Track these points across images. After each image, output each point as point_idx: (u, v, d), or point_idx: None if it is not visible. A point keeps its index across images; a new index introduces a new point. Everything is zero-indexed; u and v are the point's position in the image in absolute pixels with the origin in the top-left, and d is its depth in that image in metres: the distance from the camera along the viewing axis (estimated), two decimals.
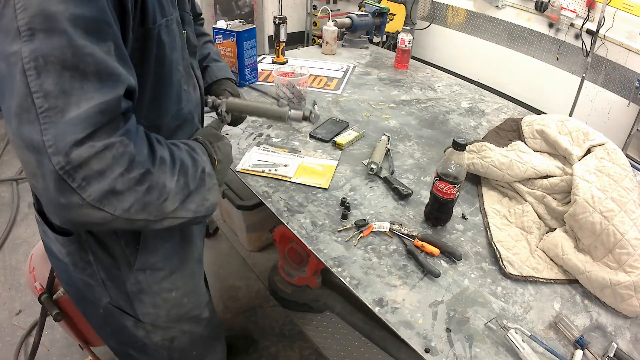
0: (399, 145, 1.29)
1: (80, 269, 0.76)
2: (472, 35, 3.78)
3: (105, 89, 0.47)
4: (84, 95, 0.46)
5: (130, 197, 0.50)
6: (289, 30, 1.96)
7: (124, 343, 0.90)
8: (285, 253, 1.54)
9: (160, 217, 0.56)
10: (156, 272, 0.79)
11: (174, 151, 0.59)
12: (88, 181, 0.46)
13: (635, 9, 2.67)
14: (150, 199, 0.53)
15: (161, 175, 0.54)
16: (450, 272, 0.86)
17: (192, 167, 0.61)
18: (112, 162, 0.47)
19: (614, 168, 0.94)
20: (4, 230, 2.12)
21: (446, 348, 0.71)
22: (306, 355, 1.61)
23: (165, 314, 0.85)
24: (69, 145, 0.45)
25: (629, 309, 0.79)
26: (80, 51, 0.46)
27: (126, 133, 0.50)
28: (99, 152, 0.46)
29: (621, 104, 2.92)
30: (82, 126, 0.45)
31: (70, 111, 0.45)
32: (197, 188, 0.61)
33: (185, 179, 0.59)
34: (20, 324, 1.67)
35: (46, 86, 0.44)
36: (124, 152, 0.48)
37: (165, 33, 0.63)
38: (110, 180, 0.48)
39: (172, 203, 0.56)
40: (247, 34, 1.49)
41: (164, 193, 0.55)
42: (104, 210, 0.49)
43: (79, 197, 0.47)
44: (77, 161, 0.45)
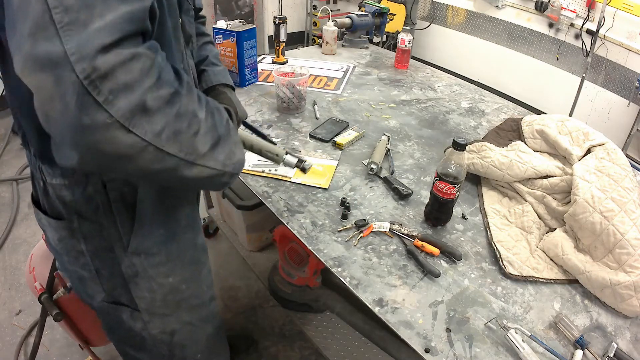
0: (399, 145, 1.29)
1: (74, 258, 0.74)
2: (472, 35, 3.79)
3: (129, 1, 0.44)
4: (108, 7, 0.42)
5: (161, 119, 0.46)
6: (289, 30, 1.96)
7: (121, 341, 0.89)
8: (285, 253, 1.54)
9: (191, 156, 0.51)
10: (151, 256, 0.77)
11: (200, 94, 0.55)
12: (115, 94, 0.42)
13: (635, 9, 2.67)
14: (181, 127, 0.49)
15: (190, 102, 0.50)
16: (450, 272, 0.86)
17: (217, 114, 0.57)
18: (141, 74, 0.43)
19: (614, 168, 0.94)
20: (4, 230, 2.12)
21: (446, 348, 0.71)
22: (306, 355, 1.61)
23: (161, 299, 0.83)
24: (96, 50, 0.40)
25: (629, 309, 0.79)
26: None
27: (152, 47, 0.46)
28: (127, 62, 0.42)
29: (621, 104, 2.92)
30: (109, 31, 0.41)
31: (94, 22, 0.41)
32: (225, 135, 0.57)
33: (213, 120, 0.54)
34: (20, 324, 1.67)
35: (66, 1, 0.40)
36: (152, 64, 0.45)
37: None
38: (140, 93, 0.43)
39: (202, 142, 0.52)
40: (247, 34, 1.49)
41: (195, 123, 0.51)
42: (134, 133, 0.44)
43: (105, 115, 0.42)
44: (103, 69, 0.41)
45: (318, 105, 1.49)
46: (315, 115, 1.43)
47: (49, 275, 1.04)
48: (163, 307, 0.84)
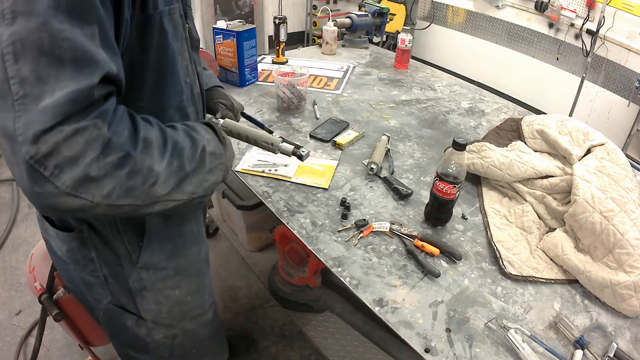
0: (399, 145, 1.29)
1: (82, 266, 0.75)
2: (472, 35, 3.78)
3: (80, 77, 0.45)
4: (59, 84, 0.44)
5: (110, 183, 0.47)
6: (289, 30, 1.96)
7: (124, 344, 0.89)
8: (285, 253, 1.54)
9: (150, 201, 0.53)
10: (159, 270, 0.79)
11: (167, 132, 0.56)
12: (61, 169, 0.44)
13: (635, 9, 2.67)
14: (134, 184, 0.50)
15: (146, 159, 0.51)
16: (450, 272, 0.86)
17: (189, 148, 0.58)
18: (85, 147, 0.45)
19: (614, 168, 0.94)
20: (4, 230, 2.12)
21: (446, 348, 0.71)
22: (306, 355, 1.61)
23: (167, 311, 0.85)
24: (37, 133, 0.42)
25: (629, 309, 0.79)
26: (57, 35, 0.44)
27: (101, 115, 0.46)
28: (69, 137, 0.44)
29: (621, 104, 2.92)
30: (52, 115, 0.43)
31: (44, 99, 0.43)
32: (195, 169, 0.58)
33: (179, 161, 0.56)
34: (20, 324, 1.67)
35: (23, 72, 0.43)
36: (97, 135, 0.46)
37: (168, 21, 0.62)
38: (84, 166, 0.45)
39: (163, 187, 0.53)
40: (247, 34, 1.49)
41: (151, 177, 0.52)
42: (82, 198, 0.46)
43: (52, 186, 0.44)
44: (46, 149, 0.43)
45: (318, 105, 1.49)
46: (315, 115, 1.42)
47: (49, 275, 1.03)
48: (168, 318, 0.86)
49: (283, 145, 0.87)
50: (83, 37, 0.45)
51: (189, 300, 0.88)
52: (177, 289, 0.84)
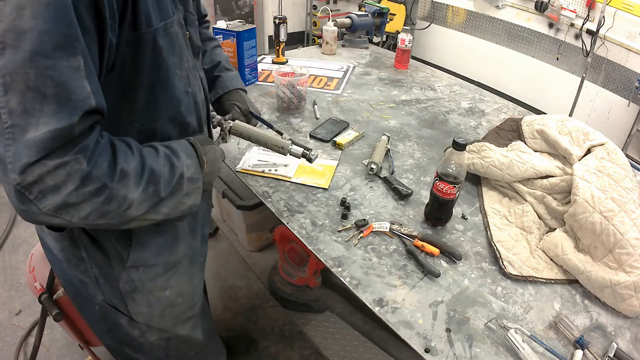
0: (399, 145, 1.29)
1: (74, 265, 0.76)
2: (472, 35, 3.78)
3: (60, 115, 0.48)
4: (42, 118, 0.47)
5: (87, 207, 0.53)
6: (289, 30, 1.96)
7: (119, 341, 0.89)
8: (285, 253, 1.54)
9: (124, 221, 0.58)
10: (149, 268, 0.79)
11: (146, 161, 0.60)
12: (44, 194, 0.49)
13: (635, 9, 2.67)
14: (109, 209, 0.55)
15: (121, 188, 0.55)
16: (450, 272, 0.86)
17: (168, 174, 0.62)
18: (66, 178, 0.49)
19: (614, 168, 0.94)
20: (4, 230, 2.12)
21: (446, 348, 0.71)
22: (306, 355, 1.61)
23: (159, 314, 0.85)
24: (23, 166, 0.47)
25: (629, 309, 0.79)
26: (43, 73, 0.47)
27: (82, 150, 0.51)
28: (52, 170, 0.48)
29: (621, 104, 2.92)
30: (36, 150, 0.47)
31: (29, 131, 0.47)
32: (171, 194, 0.62)
33: (155, 187, 0.60)
34: (20, 324, 1.67)
35: (11, 104, 0.46)
36: (77, 169, 0.50)
37: (163, 37, 0.63)
38: (64, 195, 0.50)
39: (137, 210, 0.58)
40: (247, 34, 1.50)
41: (125, 203, 0.56)
42: (61, 218, 0.52)
43: (36, 207, 0.50)
44: (31, 179, 0.48)
45: (318, 105, 1.49)
46: (315, 115, 1.42)
47: (49, 275, 1.04)
48: (161, 322, 0.86)
49: (293, 149, 0.89)
50: (68, 71, 0.49)
51: (180, 302, 0.88)
52: (168, 289, 0.84)
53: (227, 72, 1.04)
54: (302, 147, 0.89)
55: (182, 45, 0.70)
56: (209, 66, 1.02)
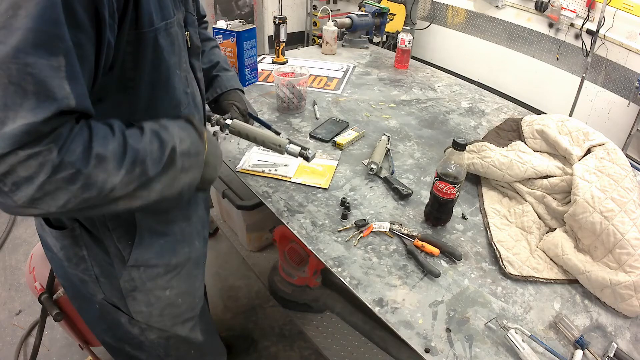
0: (399, 145, 1.29)
1: (74, 264, 0.76)
2: (472, 35, 3.78)
3: (38, 110, 0.48)
4: (21, 112, 0.47)
5: (63, 196, 0.51)
6: (289, 30, 1.96)
7: (119, 339, 0.89)
8: (285, 253, 1.54)
9: (109, 202, 0.56)
10: (150, 268, 0.79)
11: (128, 141, 0.57)
12: (17, 186, 0.49)
13: (635, 9, 2.67)
14: (89, 195, 0.53)
15: (100, 173, 0.53)
16: (450, 272, 0.86)
17: (157, 151, 0.60)
18: (38, 169, 0.49)
19: (614, 168, 0.94)
20: (4, 230, 2.12)
21: (446, 348, 0.71)
22: (306, 355, 1.61)
23: (158, 314, 0.84)
24: None
25: (629, 309, 0.79)
26: (24, 69, 0.47)
27: (54, 139, 0.50)
28: (23, 161, 0.48)
29: (621, 104, 2.92)
30: (9, 143, 0.47)
31: (6, 124, 0.47)
32: (162, 171, 0.60)
33: (141, 167, 0.57)
34: (20, 324, 1.67)
35: None
36: (49, 158, 0.49)
37: (164, 37, 0.63)
38: (37, 185, 0.49)
39: (123, 191, 0.56)
40: (247, 34, 1.49)
41: (106, 188, 0.54)
42: (39, 208, 0.51)
43: (11, 200, 0.49)
44: (4, 169, 0.47)
45: (318, 105, 1.49)
46: (315, 115, 1.43)
47: (49, 275, 1.04)
48: (160, 322, 0.86)
49: (290, 147, 0.89)
50: (48, 70, 0.48)
51: (180, 302, 0.88)
52: (168, 289, 0.84)
53: (226, 72, 1.05)
54: (299, 146, 0.89)
55: (181, 46, 0.70)
56: (208, 66, 1.03)
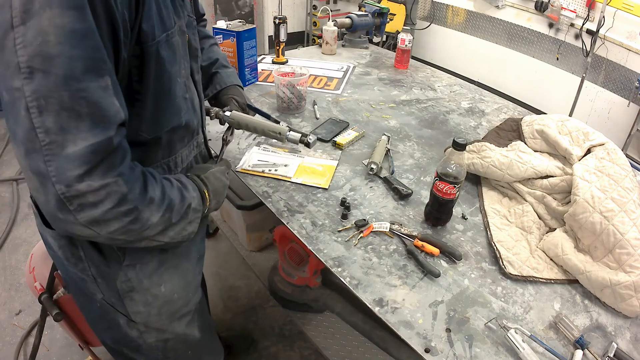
0: (399, 145, 1.29)
1: (73, 263, 0.77)
2: (472, 35, 3.78)
3: (96, 131, 0.53)
4: (79, 135, 0.52)
5: (116, 224, 0.58)
6: (289, 30, 1.96)
7: (118, 341, 0.90)
8: (285, 253, 1.54)
9: (138, 239, 0.64)
10: (145, 265, 0.79)
11: (166, 190, 0.66)
12: (83, 208, 0.54)
13: (635, 9, 2.67)
14: (133, 228, 0.60)
15: (147, 212, 0.62)
16: (450, 272, 0.86)
17: (179, 204, 0.68)
18: (105, 198, 0.55)
19: (614, 168, 0.94)
20: (4, 230, 2.12)
21: (446, 348, 0.71)
22: (306, 355, 1.61)
23: (156, 313, 0.85)
24: (70, 179, 0.52)
25: (629, 309, 0.79)
26: (76, 94, 0.51)
27: (121, 174, 0.56)
28: (96, 190, 0.54)
29: (621, 104, 2.92)
30: (78, 163, 0.52)
31: (68, 147, 0.51)
32: (179, 221, 0.68)
33: (170, 214, 0.66)
34: (20, 324, 1.67)
35: (47, 123, 0.50)
36: (117, 191, 0.56)
37: (165, 48, 0.64)
38: (101, 211, 0.56)
39: (152, 231, 0.64)
40: (247, 34, 1.49)
41: (147, 225, 0.62)
42: (92, 230, 0.57)
43: (73, 217, 0.54)
44: (75, 192, 0.53)
45: (318, 105, 1.49)
46: (315, 115, 1.43)
47: (49, 275, 1.04)
48: (158, 321, 0.87)
49: (290, 134, 0.89)
50: (98, 91, 0.53)
51: (176, 298, 0.88)
52: (162, 284, 0.84)
53: (225, 69, 1.06)
54: (299, 133, 0.89)
55: (182, 54, 0.71)
56: (207, 63, 1.04)
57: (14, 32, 0.48)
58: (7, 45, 0.48)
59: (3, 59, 0.49)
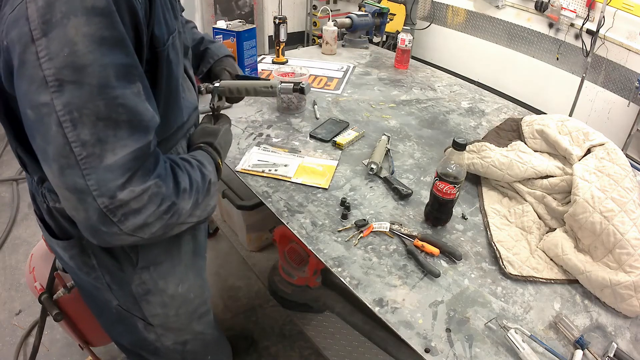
0: (399, 145, 1.29)
1: (85, 272, 0.76)
2: (472, 35, 3.78)
3: (136, 136, 0.52)
4: (118, 143, 0.50)
5: (158, 224, 0.58)
6: (289, 30, 1.96)
7: (136, 345, 0.89)
8: (285, 253, 1.54)
9: (171, 229, 0.62)
10: (159, 266, 0.79)
11: (191, 174, 0.65)
12: (127, 217, 0.53)
13: (635, 9, 2.67)
14: (171, 222, 0.60)
15: (182, 202, 0.61)
16: (450, 272, 0.86)
17: (202, 183, 0.67)
18: (148, 201, 0.54)
19: (614, 168, 0.94)
20: (4, 230, 2.12)
21: (446, 348, 0.71)
22: (306, 355, 1.61)
23: (174, 314, 0.85)
24: (113, 189, 0.51)
25: (629, 309, 0.79)
26: (112, 102, 0.49)
27: (159, 176, 0.56)
28: (138, 196, 0.53)
29: (621, 104, 2.92)
30: (121, 172, 0.51)
31: (107, 158, 0.50)
32: (204, 199, 0.67)
33: (197, 196, 0.65)
34: (20, 324, 1.67)
35: (83, 136, 0.48)
36: (157, 192, 0.55)
37: (172, 51, 0.65)
38: (145, 216, 0.55)
39: (184, 217, 0.63)
40: (247, 34, 1.50)
41: (182, 214, 0.62)
42: (136, 236, 0.56)
43: (117, 228, 0.53)
44: (119, 203, 0.51)
45: (318, 105, 1.49)
46: (315, 115, 1.43)
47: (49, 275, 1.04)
48: (177, 321, 0.87)
49: (282, 86, 0.88)
50: (133, 97, 0.52)
51: (192, 297, 0.88)
52: (179, 284, 0.84)
53: (212, 43, 1.07)
54: (291, 82, 0.88)
55: (181, 55, 0.72)
56: (194, 43, 1.04)
57: (36, 45, 0.46)
58: (28, 59, 0.46)
59: (25, 74, 0.47)
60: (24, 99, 0.49)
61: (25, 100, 0.49)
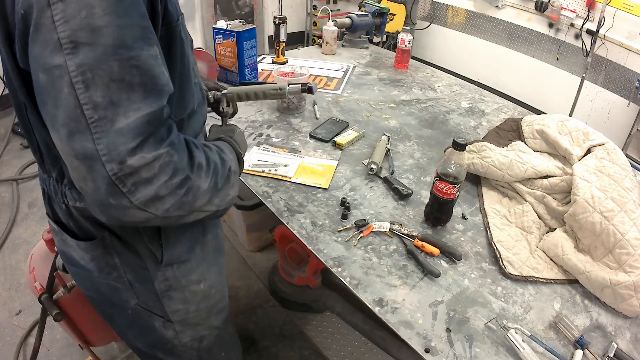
0: (399, 145, 1.29)
1: (106, 273, 0.75)
2: (472, 35, 3.78)
3: (150, 100, 0.50)
4: (131, 106, 0.49)
5: (171, 200, 0.55)
6: (289, 30, 1.96)
7: (152, 345, 0.89)
8: (285, 253, 1.54)
9: (190, 211, 0.60)
10: (183, 264, 0.79)
11: (209, 154, 0.63)
12: (137, 187, 0.50)
13: (635, 9, 2.67)
14: (186, 199, 0.57)
15: (197, 179, 0.58)
16: (450, 272, 0.86)
17: (221, 168, 0.65)
18: (159, 171, 0.52)
19: (614, 168, 0.94)
20: (4, 230, 2.12)
21: (446, 348, 0.71)
22: (306, 355, 1.61)
23: (194, 309, 0.85)
24: (123, 154, 0.48)
25: (629, 309, 0.79)
26: (126, 63, 0.48)
27: (171, 144, 0.53)
28: (149, 163, 0.50)
29: (621, 104, 2.92)
30: (132, 135, 0.48)
31: (119, 121, 0.48)
32: (223, 185, 0.65)
33: (215, 179, 0.62)
34: (20, 324, 1.67)
35: (95, 98, 0.47)
36: (169, 161, 0.52)
37: (183, 30, 0.65)
38: (157, 187, 0.52)
39: (201, 200, 0.60)
40: (247, 34, 1.49)
41: (198, 194, 0.59)
42: (148, 211, 0.53)
43: (127, 200, 0.51)
44: (129, 169, 0.49)
45: (318, 105, 1.49)
46: (315, 115, 1.43)
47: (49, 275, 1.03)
48: (196, 316, 0.86)
49: (291, 87, 0.89)
50: (150, 60, 0.51)
51: (213, 293, 0.88)
52: (202, 281, 0.84)
53: None
54: (299, 84, 0.89)
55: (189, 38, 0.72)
56: None
57: (52, 9, 0.45)
58: (43, 23, 0.46)
59: (39, 38, 0.47)
60: (36, 63, 0.48)
61: (37, 64, 0.48)
